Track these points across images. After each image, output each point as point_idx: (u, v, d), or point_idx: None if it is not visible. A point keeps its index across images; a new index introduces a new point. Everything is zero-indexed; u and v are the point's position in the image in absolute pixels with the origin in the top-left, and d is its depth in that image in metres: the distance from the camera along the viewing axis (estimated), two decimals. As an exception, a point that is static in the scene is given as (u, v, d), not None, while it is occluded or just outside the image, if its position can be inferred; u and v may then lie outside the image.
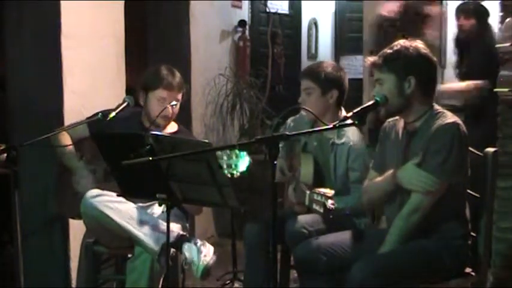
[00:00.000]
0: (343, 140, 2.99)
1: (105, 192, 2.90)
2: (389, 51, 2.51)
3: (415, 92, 2.48)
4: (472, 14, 4.01)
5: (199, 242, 2.85)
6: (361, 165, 2.95)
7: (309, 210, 3.00)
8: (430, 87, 2.54)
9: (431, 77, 2.54)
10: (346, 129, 2.95)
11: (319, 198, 2.39)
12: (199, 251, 2.80)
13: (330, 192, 2.38)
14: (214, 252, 2.86)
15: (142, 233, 2.83)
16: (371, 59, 2.57)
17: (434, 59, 2.53)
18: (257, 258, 3.02)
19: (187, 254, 2.79)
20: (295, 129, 3.13)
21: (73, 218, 3.19)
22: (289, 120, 3.30)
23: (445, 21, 4.90)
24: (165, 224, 2.74)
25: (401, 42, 2.52)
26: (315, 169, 2.99)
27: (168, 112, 3.05)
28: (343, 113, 3.07)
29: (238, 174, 2.97)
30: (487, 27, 4.04)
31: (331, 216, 2.42)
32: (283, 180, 3.14)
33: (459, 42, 4.07)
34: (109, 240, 3.00)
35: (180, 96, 3.10)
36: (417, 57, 2.48)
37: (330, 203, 2.33)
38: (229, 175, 2.83)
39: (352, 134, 2.98)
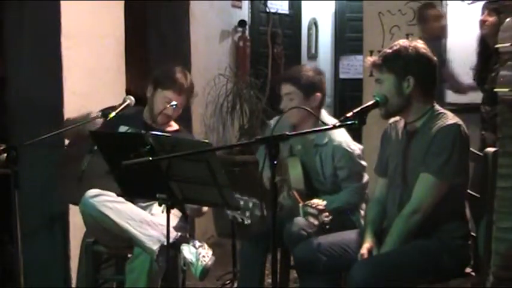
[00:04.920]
0: (325, 141, 2.99)
1: (104, 192, 2.90)
2: (388, 51, 2.52)
3: (415, 91, 2.48)
4: (497, 11, 3.94)
5: (198, 244, 2.85)
6: (349, 162, 2.98)
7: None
8: (430, 87, 2.54)
9: (430, 77, 2.54)
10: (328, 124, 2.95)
11: (312, 211, 2.42)
12: (198, 252, 2.80)
13: (321, 204, 2.40)
14: (213, 254, 2.86)
15: (141, 233, 2.83)
16: (371, 59, 2.57)
17: (435, 58, 2.53)
18: (251, 272, 3.05)
19: (186, 255, 2.79)
20: (278, 130, 3.14)
21: (75, 204, 3.18)
22: (272, 121, 3.30)
23: (445, 21, 4.88)
24: (163, 224, 2.75)
25: (401, 42, 2.52)
26: (303, 172, 2.99)
27: (170, 111, 3.06)
28: (324, 114, 3.08)
29: (249, 221, 3.00)
30: None
31: (327, 227, 2.46)
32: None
33: (482, 40, 4.00)
34: (108, 240, 3.00)
35: (185, 101, 3.16)
36: (416, 57, 2.48)
37: (323, 216, 2.35)
38: (240, 220, 2.86)
39: (334, 133, 2.98)
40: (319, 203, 2.45)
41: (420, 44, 2.51)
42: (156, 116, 3.09)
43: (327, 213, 2.37)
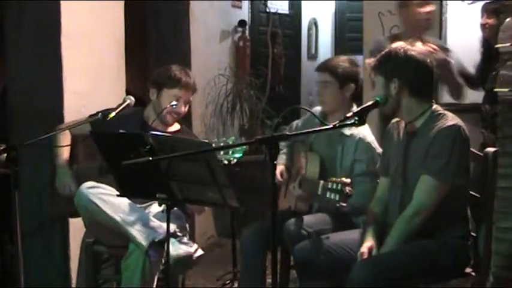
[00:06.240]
0: (351, 132, 2.99)
1: (100, 184, 2.90)
2: (382, 53, 2.58)
3: (401, 93, 2.51)
4: (496, 12, 3.93)
5: (185, 240, 2.86)
6: (368, 158, 2.97)
7: (311, 209, 3.01)
8: (421, 88, 2.55)
9: (421, 79, 2.54)
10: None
11: (334, 186, 2.39)
12: (179, 246, 2.80)
13: (346, 180, 2.39)
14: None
15: (133, 228, 2.82)
16: (368, 61, 2.62)
17: (427, 60, 2.54)
18: (252, 266, 3.04)
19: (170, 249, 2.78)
20: (303, 128, 3.17)
21: (72, 216, 3.19)
22: (299, 120, 3.31)
23: (445, 21, 4.89)
24: (155, 220, 2.75)
25: (394, 45, 2.58)
26: (320, 167, 2.99)
27: (180, 109, 3.10)
28: (355, 108, 3.10)
29: (235, 160, 3.00)
30: None
31: (344, 205, 2.42)
32: (278, 182, 3.13)
33: (485, 42, 3.98)
34: (107, 238, 2.99)
35: (191, 97, 3.18)
36: (404, 60, 2.51)
37: (348, 189, 2.33)
38: (226, 161, 2.86)
39: (361, 127, 2.98)
40: (342, 179, 2.42)
41: (413, 47, 2.54)
42: (165, 115, 3.10)
43: (350, 188, 2.36)
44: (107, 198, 2.86)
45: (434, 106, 2.56)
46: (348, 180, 2.37)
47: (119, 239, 2.92)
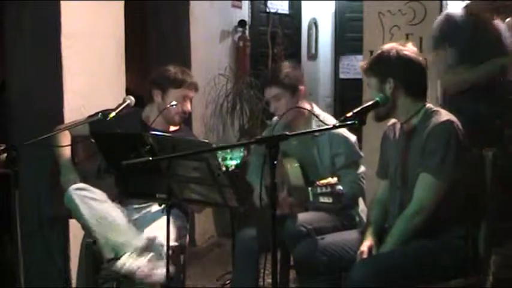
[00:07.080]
0: None
1: (89, 187, 2.86)
2: (374, 55, 2.59)
3: (396, 92, 2.51)
4: (497, 10, 3.90)
5: (147, 256, 2.72)
6: (346, 149, 2.99)
7: (307, 209, 3.00)
8: (415, 87, 2.56)
9: (414, 78, 2.55)
10: (322, 118, 2.99)
11: (324, 189, 2.39)
12: (136, 261, 2.71)
13: (333, 180, 2.39)
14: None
15: (102, 237, 2.76)
16: (361, 63, 2.63)
17: (420, 59, 2.55)
18: (245, 269, 3.04)
19: (123, 261, 2.73)
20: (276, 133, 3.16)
21: (71, 217, 3.19)
22: (265, 131, 3.31)
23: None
24: (134, 234, 2.75)
25: (386, 46, 2.58)
26: (302, 172, 2.99)
27: (188, 108, 3.12)
28: (315, 107, 3.14)
29: (233, 167, 3.00)
30: None
31: (340, 205, 2.41)
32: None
33: None
34: None
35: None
36: (396, 60, 2.52)
37: (338, 188, 2.33)
38: (224, 168, 2.85)
39: (329, 122, 2.98)
40: (329, 180, 2.41)
41: (405, 47, 2.54)
42: (173, 116, 3.10)
43: (340, 187, 2.36)
44: (89, 201, 2.80)
45: (428, 105, 2.57)
46: (335, 180, 2.36)
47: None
